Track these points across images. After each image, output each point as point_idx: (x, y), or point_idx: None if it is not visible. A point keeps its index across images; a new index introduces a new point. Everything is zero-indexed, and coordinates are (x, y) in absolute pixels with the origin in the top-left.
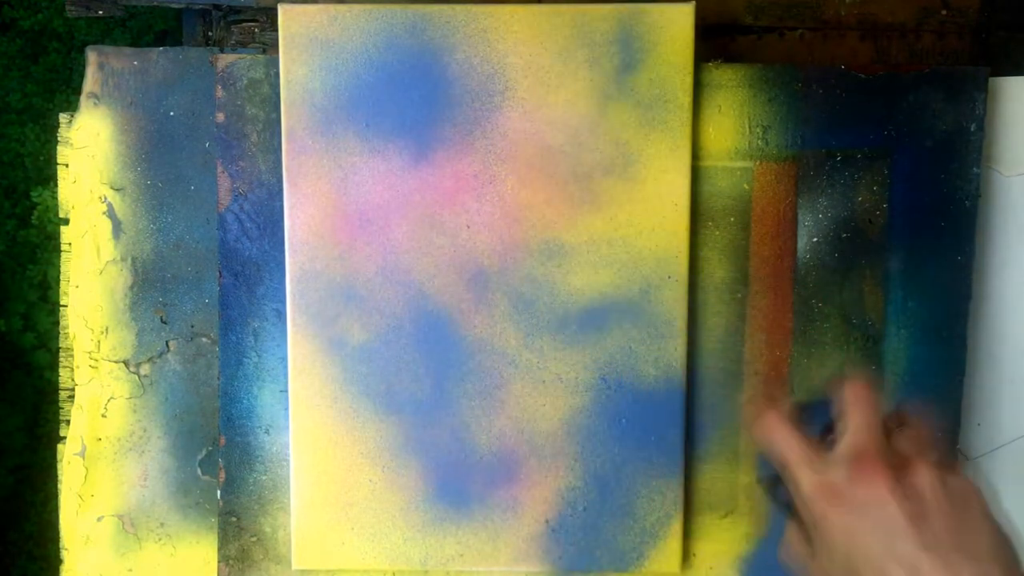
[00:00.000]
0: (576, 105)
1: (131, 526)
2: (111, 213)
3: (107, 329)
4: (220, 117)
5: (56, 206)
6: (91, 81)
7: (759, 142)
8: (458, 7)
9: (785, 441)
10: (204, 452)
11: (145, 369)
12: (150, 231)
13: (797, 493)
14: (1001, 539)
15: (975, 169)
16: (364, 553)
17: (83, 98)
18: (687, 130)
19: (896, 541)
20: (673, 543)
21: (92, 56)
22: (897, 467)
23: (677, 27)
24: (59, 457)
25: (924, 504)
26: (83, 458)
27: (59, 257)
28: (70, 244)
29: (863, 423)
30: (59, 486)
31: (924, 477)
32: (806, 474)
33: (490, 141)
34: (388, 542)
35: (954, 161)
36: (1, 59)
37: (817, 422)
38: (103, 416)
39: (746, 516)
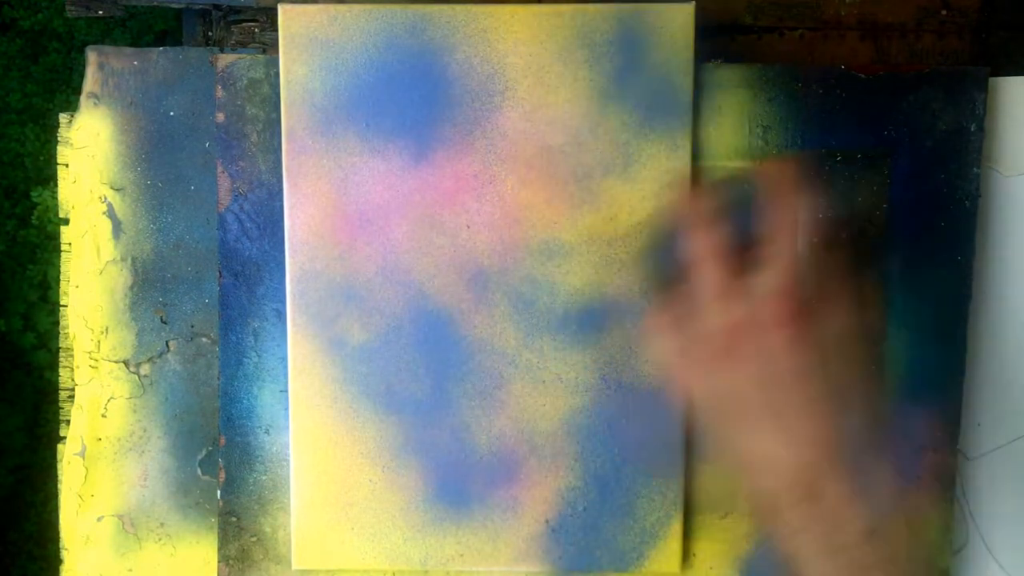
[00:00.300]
0: (576, 105)
1: (131, 526)
2: (111, 213)
3: (107, 329)
4: (220, 117)
5: (56, 206)
6: (91, 81)
7: (759, 142)
8: (458, 7)
9: (706, 261)
10: (204, 452)
11: (145, 369)
12: (150, 231)
13: (703, 315)
14: (875, 384)
15: (975, 169)
16: (364, 553)
17: (83, 98)
18: (687, 130)
19: (785, 392)
20: (673, 543)
21: (92, 56)
22: (808, 308)
23: (677, 27)
24: (59, 457)
25: (825, 354)
26: (83, 458)
27: (59, 257)
28: (70, 244)
29: (787, 258)
30: (59, 486)
31: (832, 324)
32: (718, 307)
33: (490, 141)
34: (388, 542)
35: (954, 161)
36: (1, 59)
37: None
38: (103, 416)
39: (746, 516)
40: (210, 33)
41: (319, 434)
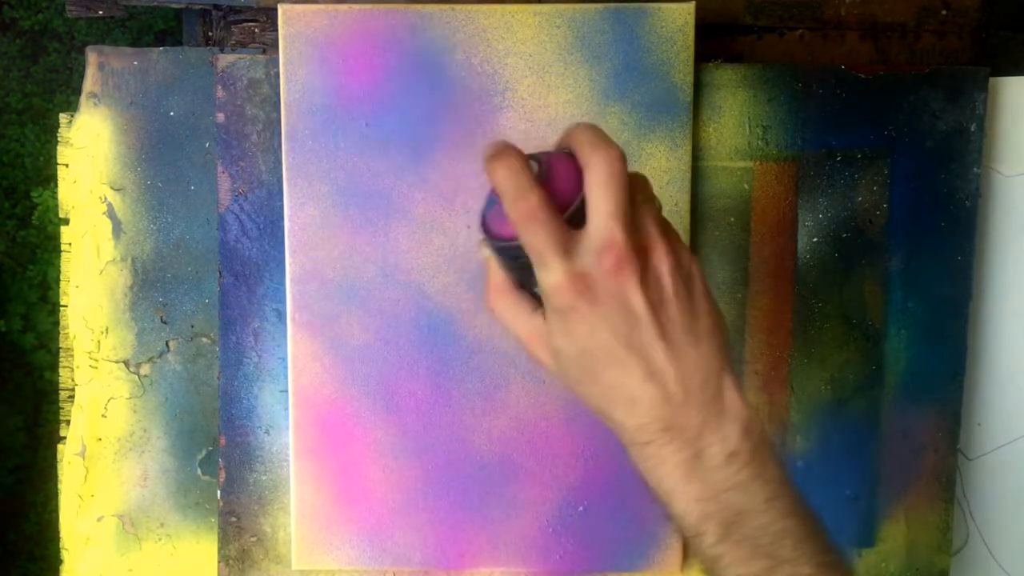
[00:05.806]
0: (576, 105)
1: (131, 526)
2: (111, 213)
3: (107, 329)
4: (220, 117)
5: (56, 206)
6: (91, 81)
7: (759, 142)
8: (458, 7)
9: (538, 219)
10: (204, 452)
11: (145, 369)
12: (150, 231)
13: (544, 278)
14: (716, 316)
15: (975, 169)
16: (364, 553)
17: (83, 98)
18: (687, 130)
19: (636, 331)
20: (673, 543)
21: (92, 56)
22: (640, 250)
23: (677, 27)
24: (59, 457)
25: (663, 291)
26: (83, 458)
27: (59, 257)
28: (70, 244)
29: (612, 207)
30: (59, 486)
31: (664, 262)
32: (558, 262)
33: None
34: (388, 542)
35: (954, 161)
36: (1, 59)
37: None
38: (103, 416)
39: None
40: (210, 33)
41: (319, 434)
